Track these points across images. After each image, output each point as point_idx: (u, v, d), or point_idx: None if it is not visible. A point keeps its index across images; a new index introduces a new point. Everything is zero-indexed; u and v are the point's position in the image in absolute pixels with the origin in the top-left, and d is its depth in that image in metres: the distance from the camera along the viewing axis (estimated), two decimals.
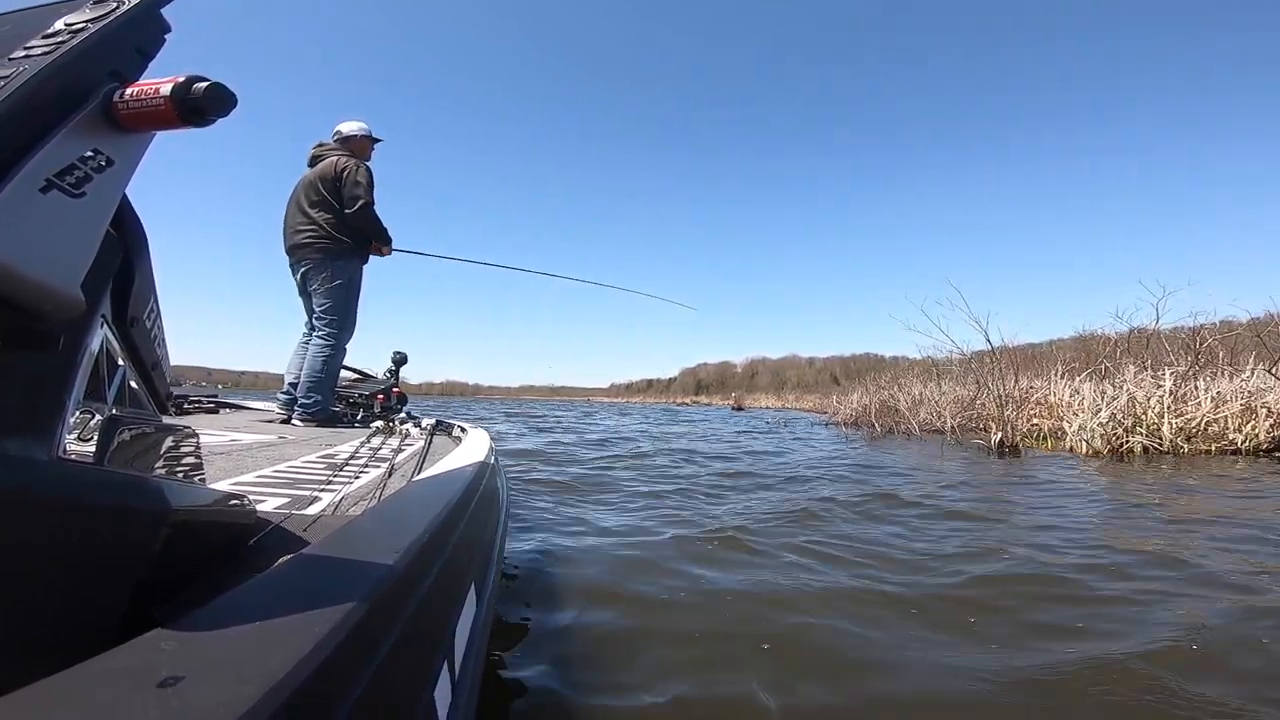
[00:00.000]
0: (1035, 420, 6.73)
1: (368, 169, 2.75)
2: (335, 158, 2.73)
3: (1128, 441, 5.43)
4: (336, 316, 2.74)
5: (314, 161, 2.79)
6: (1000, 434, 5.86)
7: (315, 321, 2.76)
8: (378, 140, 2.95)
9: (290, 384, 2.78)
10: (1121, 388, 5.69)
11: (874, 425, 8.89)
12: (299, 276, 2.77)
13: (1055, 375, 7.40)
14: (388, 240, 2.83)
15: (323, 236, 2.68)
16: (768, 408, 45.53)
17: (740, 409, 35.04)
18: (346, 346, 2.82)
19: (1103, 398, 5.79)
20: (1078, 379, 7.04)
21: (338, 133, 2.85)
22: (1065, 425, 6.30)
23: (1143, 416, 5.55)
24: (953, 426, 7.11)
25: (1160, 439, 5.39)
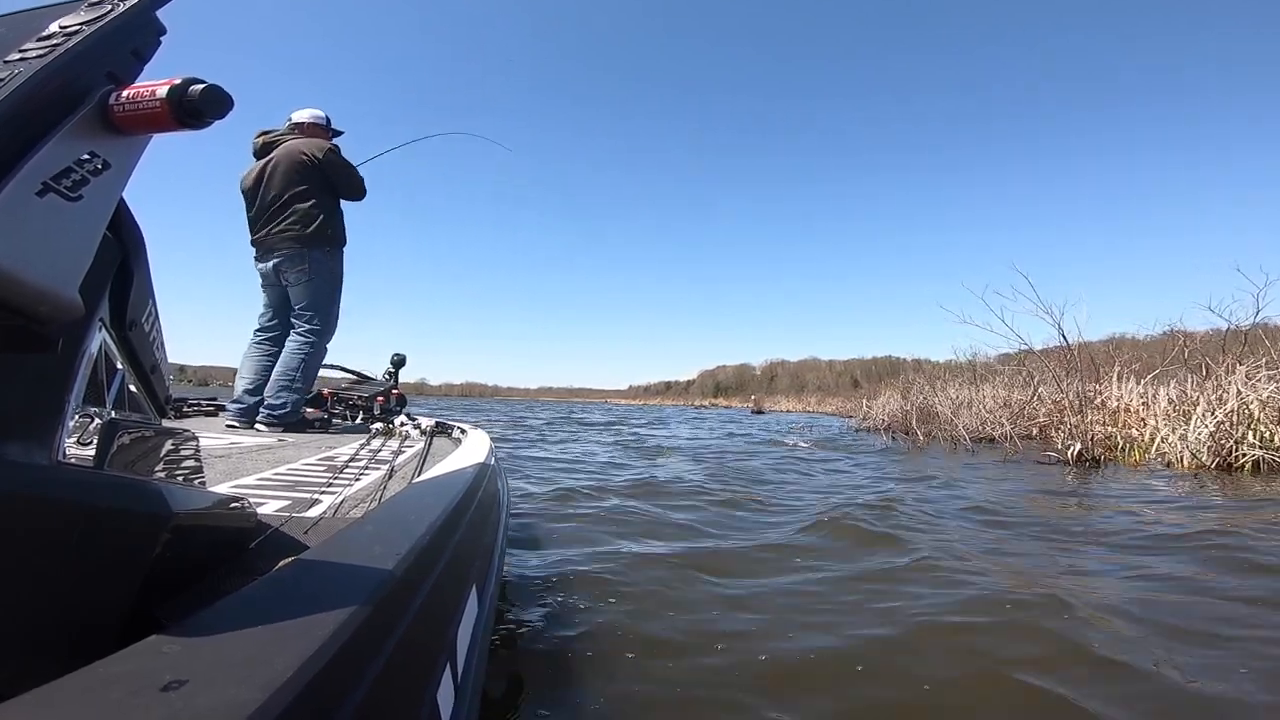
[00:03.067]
0: (1101, 427, 6.42)
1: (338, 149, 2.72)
2: (299, 142, 2.64)
3: (1240, 453, 4.98)
4: (318, 314, 2.64)
5: (267, 149, 2.67)
6: (1079, 443, 5.43)
7: (294, 319, 2.66)
8: (339, 133, 2.84)
9: (246, 389, 2.58)
10: (1229, 389, 5.23)
11: (916, 433, 8.72)
12: (270, 267, 2.65)
13: (1114, 377, 7.11)
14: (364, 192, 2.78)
15: (303, 226, 2.58)
16: (789, 411, 45.04)
17: (760, 412, 34.93)
18: (327, 347, 2.73)
19: (1214, 399, 5.29)
20: (1142, 381, 6.76)
21: (290, 120, 2.77)
22: (1134, 433, 6.03)
23: (1255, 424, 5.08)
24: (1010, 435, 6.91)
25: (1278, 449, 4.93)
